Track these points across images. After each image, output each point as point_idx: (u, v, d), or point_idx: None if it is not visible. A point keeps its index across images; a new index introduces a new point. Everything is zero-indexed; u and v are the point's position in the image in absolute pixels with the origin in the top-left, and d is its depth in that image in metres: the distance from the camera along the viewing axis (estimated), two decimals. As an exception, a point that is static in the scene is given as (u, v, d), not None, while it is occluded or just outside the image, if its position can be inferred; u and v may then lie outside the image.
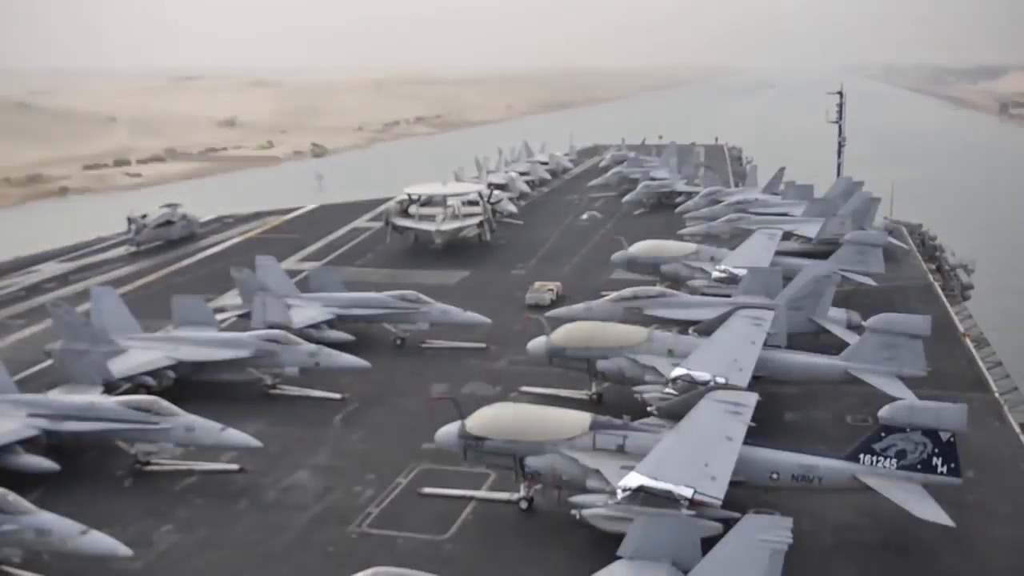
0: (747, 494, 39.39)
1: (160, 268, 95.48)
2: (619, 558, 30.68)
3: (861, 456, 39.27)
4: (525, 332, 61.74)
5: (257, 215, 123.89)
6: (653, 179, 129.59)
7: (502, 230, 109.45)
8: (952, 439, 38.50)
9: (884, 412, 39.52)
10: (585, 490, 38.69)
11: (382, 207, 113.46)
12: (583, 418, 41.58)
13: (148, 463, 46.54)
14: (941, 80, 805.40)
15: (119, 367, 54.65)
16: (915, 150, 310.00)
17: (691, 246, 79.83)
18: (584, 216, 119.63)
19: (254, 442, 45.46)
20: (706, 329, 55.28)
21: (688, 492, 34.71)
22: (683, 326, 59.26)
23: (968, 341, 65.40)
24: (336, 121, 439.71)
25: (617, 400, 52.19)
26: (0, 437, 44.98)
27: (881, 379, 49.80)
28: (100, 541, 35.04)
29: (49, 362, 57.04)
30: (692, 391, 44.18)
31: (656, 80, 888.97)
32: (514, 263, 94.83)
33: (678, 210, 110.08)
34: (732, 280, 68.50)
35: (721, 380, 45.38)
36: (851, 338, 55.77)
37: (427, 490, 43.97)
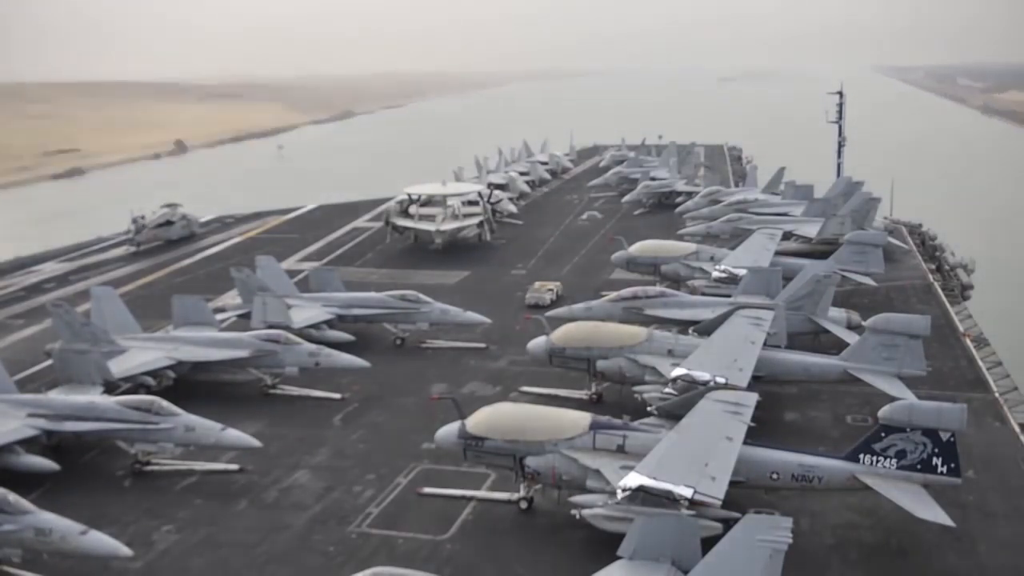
0: (747, 494, 39.41)
1: (160, 268, 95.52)
2: (619, 558, 30.67)
3: (861, 456, 39.25)
4: (525, 332, 61.83)
5: (257, 215, 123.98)
6: (653, 179, 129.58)
7: (502, 230, 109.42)
8: (952, 439, 38.48)
9: (884, 412, 39.49)
10: (585, 490, 38.72)
11: (382, 207, 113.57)
12: (583, 418, 41.57)
13: (148, 463, 46.53)
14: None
15: (119, 367, 54.71)
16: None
17: (691, 246, 79.77)
18: (584, 216, 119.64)
19: (254, 442, 45.53)
20: (706, 329, 55.21)
21: (688, 492, 34.68)
22: (683, 326, 59.25)
23: (968, 341, 65.33)
24: None
25: (617, 400, 52.28)
26: (0, 437, 45.03)
27: (881, 379, 49.83)
28: (100, 541, 35.03)
29: (49, 362, 57.00)
30: (692, 391, 44.15)
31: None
32: (514, 263, 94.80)
33: (678, 210, 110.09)
34: (732, 280, 68.52)
35: (721, 380, 45.35)
36: (851, 338, 55.73)
37: (427, 490, 43.96)
